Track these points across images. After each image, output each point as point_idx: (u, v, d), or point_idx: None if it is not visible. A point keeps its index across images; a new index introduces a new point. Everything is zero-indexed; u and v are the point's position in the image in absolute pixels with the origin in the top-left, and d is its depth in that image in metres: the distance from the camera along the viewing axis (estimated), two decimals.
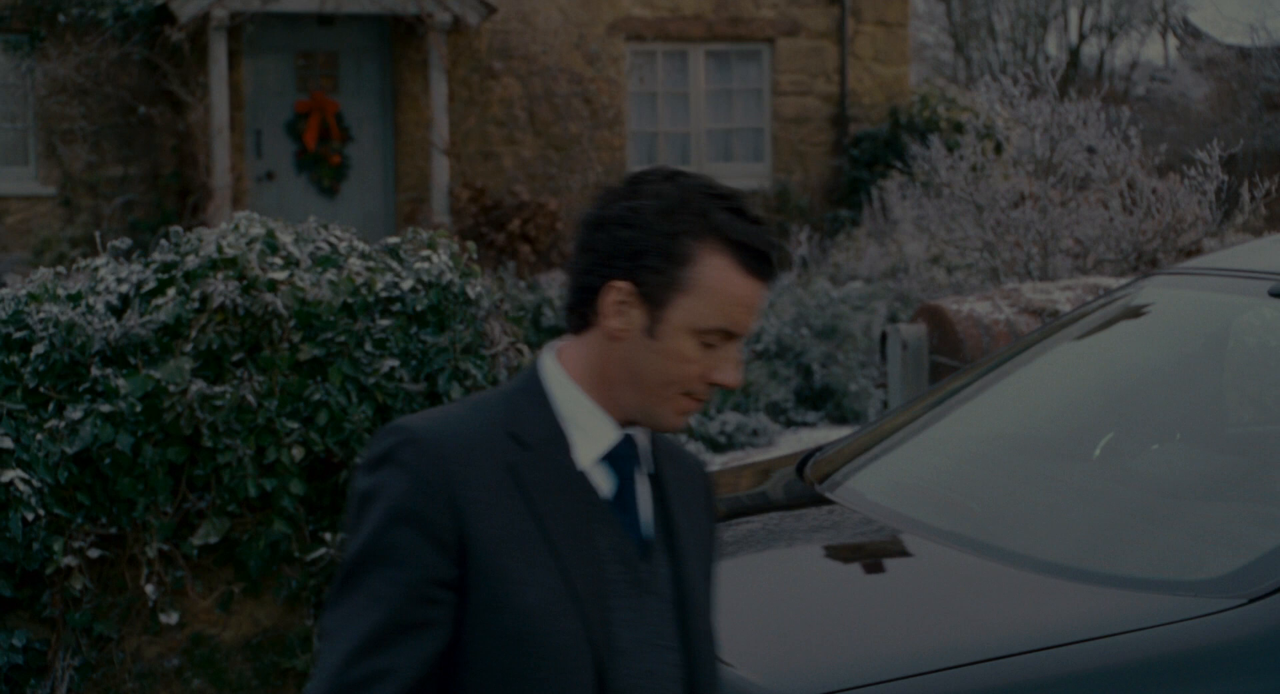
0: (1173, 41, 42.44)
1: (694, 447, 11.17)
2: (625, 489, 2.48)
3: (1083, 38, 42.79)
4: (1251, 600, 3.30)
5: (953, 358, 6.49)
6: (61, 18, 16.06)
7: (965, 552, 3.87)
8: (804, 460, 4.75)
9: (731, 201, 2.40)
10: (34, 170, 16.46)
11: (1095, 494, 4.26)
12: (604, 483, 2.46)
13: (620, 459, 2.47)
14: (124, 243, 6.31)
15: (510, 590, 2.33)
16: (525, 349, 6.38)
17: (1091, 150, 8.89)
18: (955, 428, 4.85)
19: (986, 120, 16.76)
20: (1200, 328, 4.68)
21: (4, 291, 6.08)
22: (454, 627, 2.34)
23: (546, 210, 16.21)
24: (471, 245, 6.41)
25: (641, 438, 2.49)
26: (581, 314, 2.45)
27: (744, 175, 17.68)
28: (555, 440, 2.43)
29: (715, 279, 2.35)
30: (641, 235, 2.37)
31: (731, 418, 11.51)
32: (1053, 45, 43.36)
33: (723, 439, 11.38)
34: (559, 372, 2.48)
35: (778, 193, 17.37)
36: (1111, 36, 43.09)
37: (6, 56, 16.32)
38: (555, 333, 13.24)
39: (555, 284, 13.73)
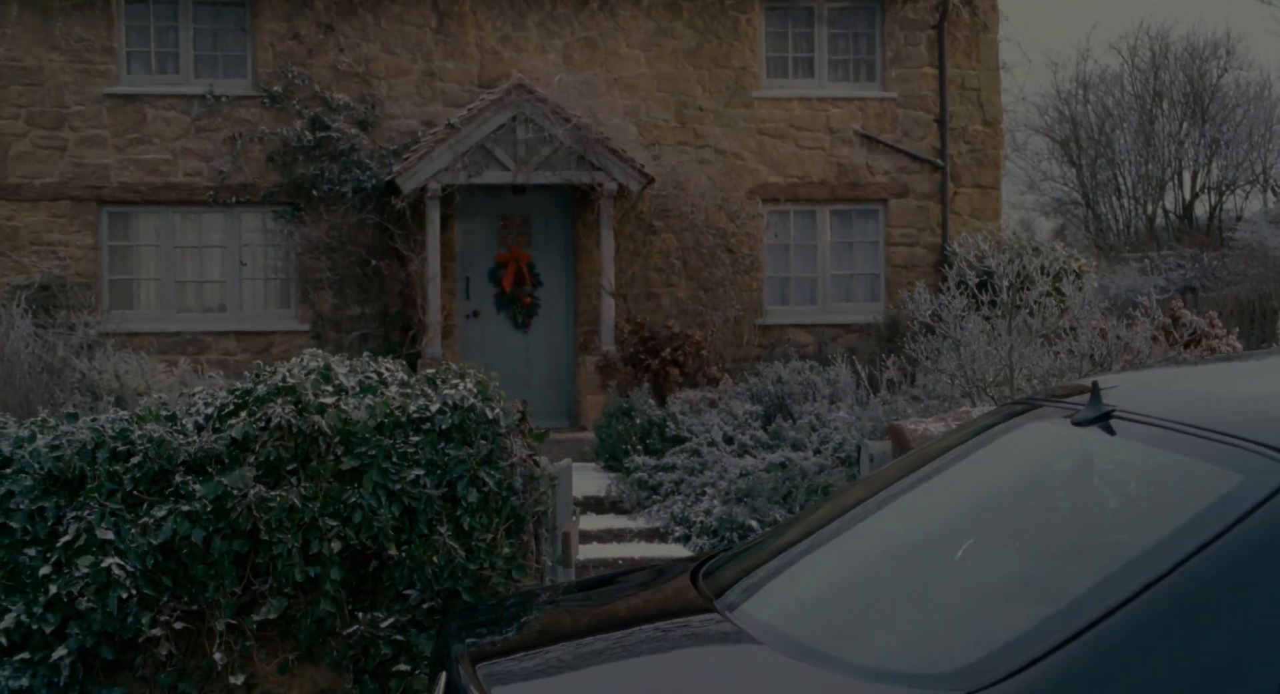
0: (1271, 198, 41.12)
1: None
2: None
3: (1195, 195, 41.66)
4: (969, 693, 2.97)
5: None
6: (315, 192, 16.52)
7: (790, 655, 3.53)
8: (701, 564, 4.44)
9: None
10: (294, 311, 16.87)
11: (924, 598, 3.91)
12: None
13: None
14: (218, 374, 6.36)
15: None
16: (542, 461, 6.20)
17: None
18: (839, 537, 4.51)
19: (1065, 265, 16.20)
20: (1042, 451, 4.33)
21: (123, 413, 6.13)
22: None
23: (693, 340, 16.03)
24: (495, 375, 6.28)
25: None
26: None
27: (862, 311, 17.34)
28: None
29: None
30: None
31: None
32: (1170, 201, 42.27)
33: None
34: None
35: (888, 325, 16.94)
36: (1220, 194, 41.87)
37: (276, 223, 16.82)
38: (678, 442, 13.00)
39: (679, 402, 13.51)
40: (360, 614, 5.81)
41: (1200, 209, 41.70)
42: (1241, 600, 2.97)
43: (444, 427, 5.93)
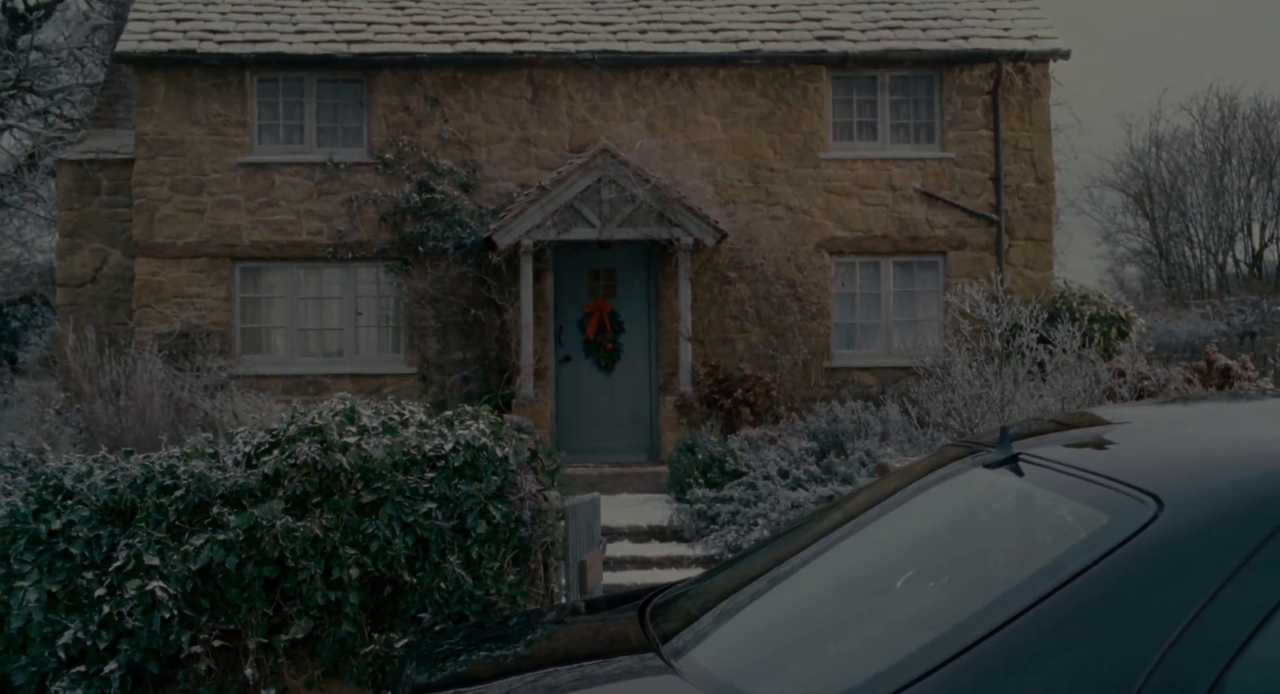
0: None
1: None
2: None
3: (1264, 245, 40.51)
4: None
5: None
6: (421, 248, 16.70)
7: (705, 689, 3.37)
8: (649, 599, 4.30)
9: None
10: (403, 356, 17.02)
11: (840, 631, 3.74)
12: None
13: None
14: (259, 414, 6.38)
15: None
16: (551, 495, 6.12)
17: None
18: (775, 575, 4.33)
19: (1113, 310, 15.71)
20: (963, 492, 4.14)
21: (174, 451, 6.17)
22: None
23: (763, 382, 15.85)
24: (502, 419, 6.22)
25: None
26: None
27: (923, 354, 16.98)
28: None
29: None
30: None
31: None
32: (1240, 251, 41.15)
33: None
34: None
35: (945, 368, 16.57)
36: None
37: (387, 276, 17.02)
38: (736, 475, 12.83)
39: (739, 439, 13.34)
40: (377, 635, 5.76)
41: (1270, 257, 40.53)
42: (1093, 638, 2.80)
43: (457, 464, 5.88)
